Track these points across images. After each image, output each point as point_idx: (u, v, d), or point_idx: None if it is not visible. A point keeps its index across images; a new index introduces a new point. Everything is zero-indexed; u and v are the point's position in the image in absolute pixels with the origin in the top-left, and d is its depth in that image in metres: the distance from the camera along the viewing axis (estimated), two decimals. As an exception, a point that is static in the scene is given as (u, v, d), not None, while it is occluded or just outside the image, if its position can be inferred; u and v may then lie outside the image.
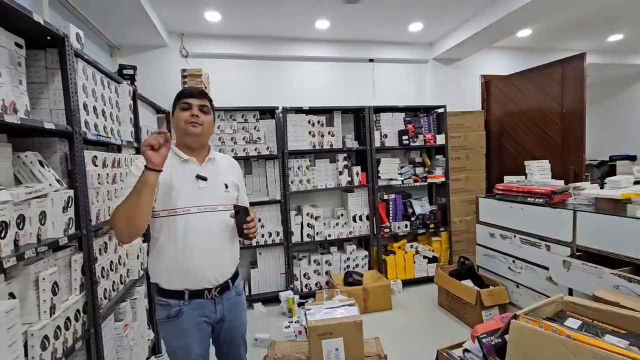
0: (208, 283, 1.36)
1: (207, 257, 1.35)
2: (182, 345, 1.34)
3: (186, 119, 1.35)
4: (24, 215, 1.19)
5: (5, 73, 1.20)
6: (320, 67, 3.98)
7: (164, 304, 1.35)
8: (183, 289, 1.33)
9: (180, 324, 1.33)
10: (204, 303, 1.36)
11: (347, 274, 3.43)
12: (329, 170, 3.70)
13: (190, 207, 1.33)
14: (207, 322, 1.39)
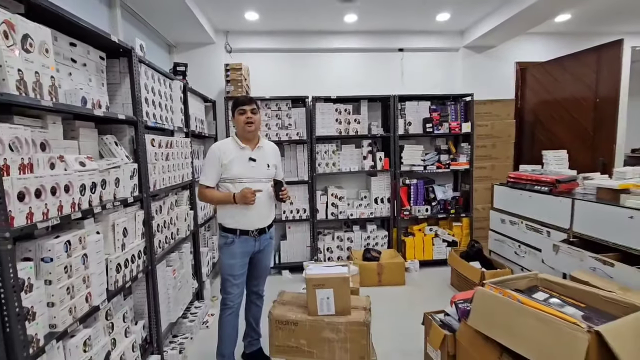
0: (251, 226, 2.06)
1: (253, 211, 2.03)
2: (231, 263, 2.05)
3: (244, 120, 2.03)
4: (105, 179, 1.71)
5: (93, 79, 1.71)
6: (348, 58, 4.23)
7: (224, 236, 2.07)
8: (236, 228, 2.04)
9: (232, 249, 2.04)
10: (248, 239, 2.06)
11: (366, 251, 3.76)
12: (354, 155, 4.00)
13: (243, 177, 2.03)
14: (247, 252, 2.08)
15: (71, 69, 1.56)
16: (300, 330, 1.91)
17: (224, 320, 2.08)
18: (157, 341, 2.15)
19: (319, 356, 1.90)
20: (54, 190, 1.30)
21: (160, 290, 2.21)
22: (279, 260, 3.98)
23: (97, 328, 1.59)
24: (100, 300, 1.57)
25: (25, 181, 1.16)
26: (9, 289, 1.08)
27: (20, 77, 1.17)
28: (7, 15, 1.14)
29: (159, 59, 3.56)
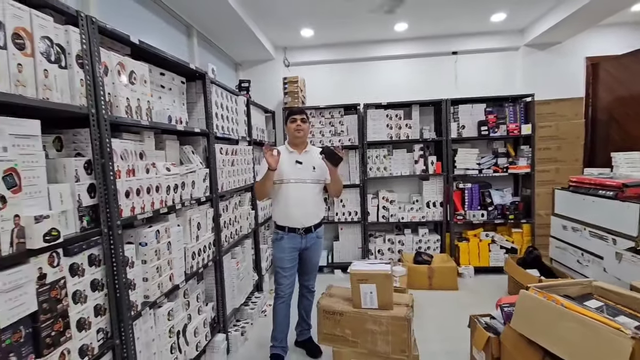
0: (298, 225, 2.27)
1: (298, 210, 2.25)
2: (280, 257, 2.30)
3: (294, 128, 2.29)
4: (184, 182, 2.07)
5: (177, 100, 2.10)
6: (399, 65, 4.31)
7: (275, 232, 2.34)
8: (285, 225, 2.27)
9: (281, 244, 2.29)
10: (295, 236, 2.28)
11: (417, 254, 3.78)
12: (405, 159, 4.06)
13: (291, 179, 2.24)
14: (295, 248, 2.30)
15: (160, 94, 1.96)
16: (345, 321, 2.08)
17: (277, 308, 2.34)
18: (223, 322, 2.49)
19: (362, 346, 2.05)
20: (149, 190, 1.67)
21: (225, 278, 2.55)
22: (331, 260, 4.19)
23: (178, 303, 1.95)
24: (180, 281, 1.93)
25: (129, 183, 1.53)
26: (119, 263, 1.44)
27: (127, 103, 1.55)
28: (120, 58, 1.52)
29: (227, 77, 4.03)
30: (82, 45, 1.29)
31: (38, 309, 1.07)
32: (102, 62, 1.39)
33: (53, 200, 1.16)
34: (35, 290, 1.07)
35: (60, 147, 1.35)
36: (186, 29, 3.14)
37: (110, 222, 1.40)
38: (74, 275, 1.24)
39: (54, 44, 1.17)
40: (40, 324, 1.08)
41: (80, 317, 1.26)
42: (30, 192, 1.07)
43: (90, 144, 1.34)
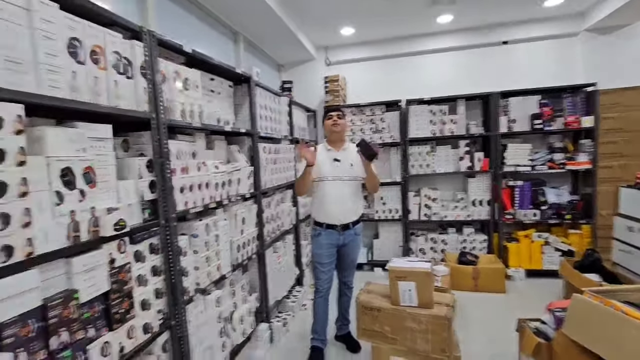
0: (336, 221, 2.30)
1: (336, 207, 2.28)
2: (318, 252, 2.35)
3: (330, 124, 2.33)
4: (231, 179, 2.22)
5: (225, 103, 2.25)
6: (443, 58, 4.17)
7: (314, 228, 2.39)
8: (323, 222, 2.32)
9: (319, 240, 2.34)
10: (333, 232, 2.31)
11: (462, 254, 3.65)
12: (449, 155, 3.93)
13: (328, 176, 2.28)
14: (333, 245, 2.33)
15: (210, 97, 2.11)
16: (383, 317, 2.09)
17: (316, 302, 2.41)
18: (266, 312, 2.62)
19: (401, 343, 2.05)
20: (200, 187, 1.82)
21: (268, 271, 2.68)
22: (371, 258, 4.19)
23: (225, 292, 2.10)
24: (227, 271, 2.07)
25: (183, 180, 1.68)
26: (175, 252, 1.60)
27: (182, 107, 1.70)
28: (176, 66, 1.67)
29: (270, 79, 4.18)
30: (145, 57, 1.45)
31: (109, 288, 1.24)
32: (160, 71, 1.55)
33: (121, 194, 1.33)
34: (107, 272, 1.24)
35: (127, 148, 1.53)
36: (233, 35, 3.32)
37: (167, 215, 1.55)
38: (137, 261, 1.41)
39: (122, 57, 1.34)
40: (111, 302, 1.25)
41: (143, 298, 1.42)
42: (103, 187, 1.23)
43: (151, 145, 1.51)
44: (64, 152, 1.08)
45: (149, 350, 1.50)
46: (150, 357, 1.49)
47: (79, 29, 1.15)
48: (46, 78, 1.02)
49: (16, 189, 0.92)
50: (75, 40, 1.13)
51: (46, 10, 1.03)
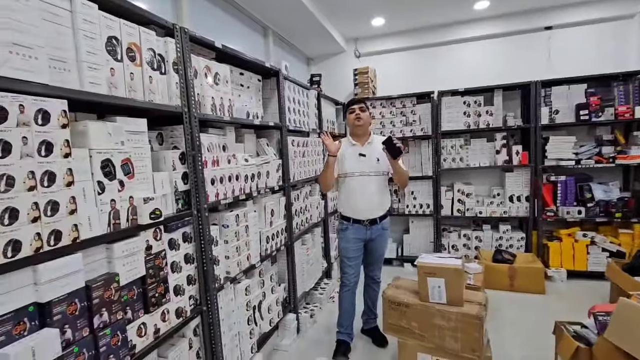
0: (363, 216, 2.28)
1: (362, 202, 2.26)
2: (345, 247, 2.33)
3: (353, 117, 2.26)
4: (260, 172, 2.26)
5: (254, 97, 2.29)
6: (478, 47, 3.97)
7: (340, 222, 2.37)
8: (350, 216, 2.30)
9: (346, 234, 2.31)
10: (360, 227, 2.29)
11: (497, 252, 3.50)
12: (485, 149, 3.75)
13: (354, 172, 2.24)
14: (360, 239, 2.31)
15: (240, 92, 2.16)
16: (411, 313, 2.06)
17: (342, 296, 2.40)
18: (293, 303, 2.67)
19: (429, 340, 2.01)
20: (230, 178, 1.87)
21: (296, 262, 2.72)
22: (401, 253, 4.12)
23: (254, 281, 2.16)
24: (256, 261, 2.13)
25: (214, 172, 1.74)
26: (207, 242, 1.66)
27: (212, 102, 1.75)
28: (207, 61, 1.73)
29: (299, 72, 4.20)
30: (177, 53, 1.50)
31: (146, 273, 1.32)
32: (192, 66, 1.60)
33: (156, 185, 1.40)
34: (144, 258, 1.32)
35: (161, 141, 1.61)
36: (263, 29, 3.36)
37: (199, 205, 1.62)
38: (172, 248, 1.48)
39: (156, 54, 1.40)
40: (147, 286, 1.33)
41: (177, 283, 1.50)
42: (139, 178, 1.30)
43: (183, 139, 1.57)
44: (104, 145, 1.15)
45: (182, 333, 1.58)
46: (182, 339, 1.57)
47: (116, 27, 1.21)
48: (87, 75, 1.09)
49: (63, 179, 0.99)
50: (113, 39, 1.19)
51: (87, 11, 1.10)
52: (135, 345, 1.26)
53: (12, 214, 0.87)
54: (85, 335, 1.07)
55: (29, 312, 0.94)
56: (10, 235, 0.86)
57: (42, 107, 0.94)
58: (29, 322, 0.94)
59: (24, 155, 0.90)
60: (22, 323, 0.92)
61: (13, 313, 0.90)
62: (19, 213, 0.88)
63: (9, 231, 0.86)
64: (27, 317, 0.94)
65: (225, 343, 1.80)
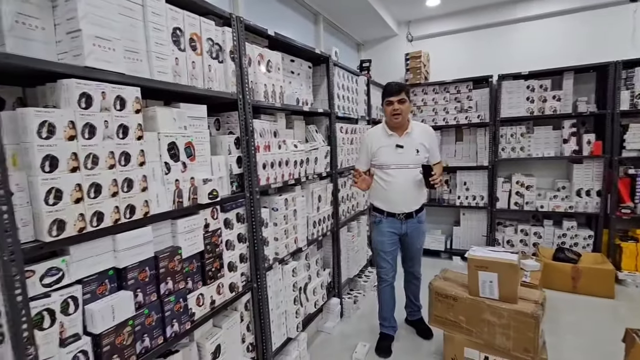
0: (398, 210, 2.19)
1: (398, 195, 2.15)
2: (380, 240, 2.25)
3: (390, 112, 2.11)
4: (308, 158, 2.30)
5: (304, 83, 2.32)
6: (545, 25, 3.58)
7: (374, 215, 2.31)
8: (384, 209, 2.20)
9: (380, 228, 2.24)
10: (395, 220, 2.20)
11: (559, 250, 3.23)
12: (550, 137, 3.45)
13: (391, 164, 2.14)
14: (395, 233, 2.23)
15: (291, 78, 2.20)
16: (459, 306, 2.00)
17: (381, 290, 2.33)
18: (338, 288, 2.72)
19: (477, 336, 1.94)
20: (280, 164, 1.93)
21: (341, 249, 2.76)
22: (450, 246, 3.98)
23: (300, 264, 2.23)
24: (303, 244, 2.19)
25: (266, 156, 1.81)
26: (258, 223, 1.75)
27: (265, 89, 1.81)
28: (260, 49, 1.78)
29: (349, 58, 4.15)
30: (234, 42, 1.57)
31: (204, 249, 1.43)
32: (247, 54, 1.66)
33: (214, 168, 1.50)
34: (202, 235, 1.42)
35: (218, 126, 1.71)
36: (314, 16, 3.36)
37: (251, 188, 1.70)
38: (226, 227, 1.58)
39: (215, 43, 1.47)
40: (205, 260, 1.44)
41: (230, 260, 1.60)
42: (200, 161, 1.40)
43: (238, 124, 1.65)
44: (170, 129, 1.26)
45: (234, 306, 1.70)
46: (235, 312, 1.68)
47: (180, 19, 1.30)
48: (156, 65, 1.19)
49: (136, 159, 1.11)
50: (177, 30, 1.28)
51: (155, 4, 1.19)
52: (195, 313, 1.39)
53: (96, 189, 0.99)
54: (154, 300, 1.20)
55: (109, 276, 1.08)
56: (96, 207, 0.99)
57: (119, 94, 1.05)
58: (109, 284, 1.07)
59: (106, 137, 1.01)
60: (103, 284, 1.06)
61: (97, 275, 1.04)
62: (102, 188, 1.00)
63: (95, 203, 0.98)
64: (107, 279, 1.07)
65: (273, 319, 1.90)
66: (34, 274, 0.88)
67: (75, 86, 0.93)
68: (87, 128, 0.96)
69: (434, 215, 4.15)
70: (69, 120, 0.92)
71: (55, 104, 0.96)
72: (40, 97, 1.06)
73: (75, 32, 0.95)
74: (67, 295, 0.95)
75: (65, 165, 0.91)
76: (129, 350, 1.09)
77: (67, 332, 0.96)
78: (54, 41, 0.98)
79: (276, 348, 1.93)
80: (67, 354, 0.94)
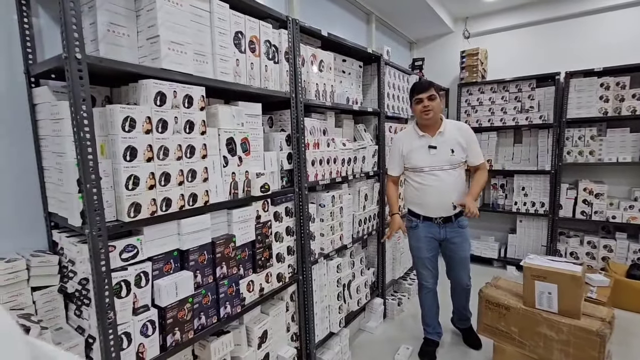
0: (434, 214, 2.05)
1: (434, 199, 2.02)
2: (417, 246, 2.14)
3: (420, 110, 1.97)
4: (356, 156, 2.32)
5: (354, 83, 2.34)
6: (621, 16, 3.20)
7: (409, 219, 2.17)
8: (420, 213, 2.09)
9: (417, 233, 2.12)
10: (432, 225, 2.08)
11: (634, 266, 2.89)
12: (626, 141, 3.09)
13: (424, 167, 2.01)
14: (433, 238, 2.10)
15: (341, 78, 2.23)
16: (511, 317, 1.89)
17: (422, 298, 2.23)
18: (381, 288, 2.70)
19: (531, 350, 1.82)
20: (328, 161, 1.98)
21: (387, 249, 2.73)
22: (504, 254, 3.74)
23: (345, 260, 2.26)
24: (348, 242, 2.22)
25: (315, 154, 1.87)
26: (305, 218, 1.81)
27: (316, 88, 1.87)
28: (313, 50, 1.84)
29: (401, 57, 4.08)
30: (289, 43, 1.64)
31: (255, 239, 1.52)
32: (300, 55, 1.73)
33: (266, 163, 1.58)
34: (254, 225, 1.51)
35: (271, 124, 1.80)
36: (366, 16, 3.36)
37: (300, 184, 1.77)
38: (276, 220, 1.66)
39: (271, 45, 1.55)
40: (256, 250, 1.53)
41: (279, 251, 1.68)
42: (254, 156, 1.50)
43: (289, 122, 1.72)
44: (229, 126, 1.36)
45: (281, 296, 1.78)
46: (281, 302, 1.76)
47: (241, 23, 1.39)
48: (219, 66, 1.29)
49: (200, 152, 1.21)
50: (239, 33, 1.38)
51: (221, 10, 1.29)
52: (245, 298, 1.48)
53: (166, 178, 1.11)
54: (210, 282, 1.31)
55: (173, 256, 1.20)
56: (165, 194, 1.11)
57: (187, 93, 1.16)
58: (173, 264, 1.19)
59: (175, 131, 1.13)
60: (169, 263, 1.18)
61: (164, 255, 1.16)
62: (170, 177, 1.12)
63: (165, 190, 1.10)
64: (172, 259, 1.19)
65: (317, 312, 1.95)
66: (115, 249, 1.02)
67: (153, 85, 1.06)
68: (161, 123, 1.08)
69: (486, 221, 3.94)
70: (147, 115, 1.04)
71: (136, 102, 1.10)
72: (123, 96, 1.21)
73: (154, 38, 1.08)
74: (140, 270, 1.08)
75: (142, 155, 1.04)
76: (188, 325, 1.20)
77: (139, 302, 1.09)
78: (137, 46, 1.11)
79: (319, 340, 1.98)
80: (139, 322, 1.07)
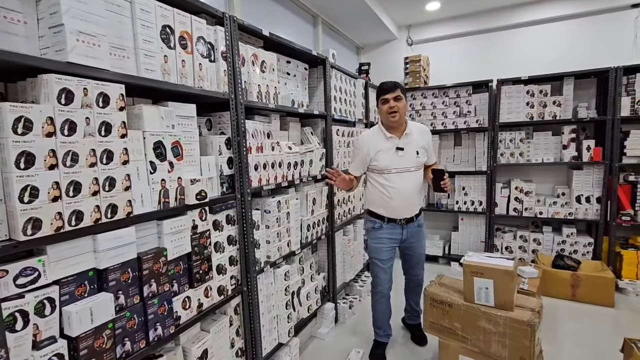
0: (399, 216, 2.09)
1: (401, 201, 2.05)
2: (378, 247, 2.13)
3: (386, 110, 1.99)
4: (303, 160, 2.28)
5: (300, 85, 2.30)
6: (546, 30, 3.56)
7: (372, 221, 2.17)
8: (384, 215, 2.11)
9: (379, 234, 2.13)
10: (396, 226, 2.11)
11: (559, 257, 3.18)
12: (549, 143, 3.41)
13: (392, 168, 2.03)
14: (394, 239, 2.13)
15: (286, 80, 2.18)
16: (454, 313, 1.95)
17: (375, 303, 2.22)
18: (332, 292, 2.68)
19: (473, 343, 1.90)
20: (273, 165, 1.91)
21: (337, 253, 2.72)
22: (448, 251, 3.93)
23: (293, 267, 2.19)
24: (296, 248, 2.16)
25: (258, 158, 1.78)
26: (248, 225, 1.72)
27: (259, 89, 1.79)
28: (254, 49, 1.76)
29: (348, 61, 4.13)
30: (226, 42, 1.55)
31: (191, 250, 1.40)
32: (240, 54, 1.64)
33: (203, 168, 1.47)
34: (190, 236, 1.40)
35: (210, 127, 1.68)
36: (312, 18, 3.35)
37: (242, 189, 1.67)
38: (215, 229, 1.55)
39: (206, 42, 1.45)
40: (192, 263, 1.41)
41: (219, 263, 1.57)
42: (188, 161, 1.38)
43: (229, 125, 1.62)
44: (156, 128, 1.23)
45: (223, 310, 1.66)
46: (224, 316, 1.65)
47: (170, 16, 1.28)
48: (143, 62, 1.17)
49: (119, 157, 1.08)
50: (167, 27, 1.26)
51: (144, 1, 1.17)
52: (180, 317, 1.35)
53: (76, 187, 0.96)
54: (136, 303, 1.17)
55: (88, 277, 1.05)
56: (75, 206, 0.96)
57: (102, 91, 1.03)
58: (88, 285, 1.04)
59: (87, 134, 0.99)
60: (82, 285, 1.03)
61: (76, 276, 1.01)
62: (81, 186, 0.98)
63: (73, 202, 0.96)
64: (87, 280, 1.04)
65: (264, 324, 1.86)
66: (6, 273, 0.86)
67: (55, 81, 0.91)
68: (67, 124, 0.94)
69: (432, 220, 4.12)
70: (48, 116, 0.90)
71: (35, 100, 0.94)
72: (20, 93, 1.04)
73: (58, 27, 0.93)
74: (43, 296, 0.92)
75: (43, 162, 0.89)
76: (108, 354, 1.06)
77: (43, 334, 0.93)
78: (37, 36, 0.96)
79: (267, 353, 1.90)
80: (41, 357, 0.91)
